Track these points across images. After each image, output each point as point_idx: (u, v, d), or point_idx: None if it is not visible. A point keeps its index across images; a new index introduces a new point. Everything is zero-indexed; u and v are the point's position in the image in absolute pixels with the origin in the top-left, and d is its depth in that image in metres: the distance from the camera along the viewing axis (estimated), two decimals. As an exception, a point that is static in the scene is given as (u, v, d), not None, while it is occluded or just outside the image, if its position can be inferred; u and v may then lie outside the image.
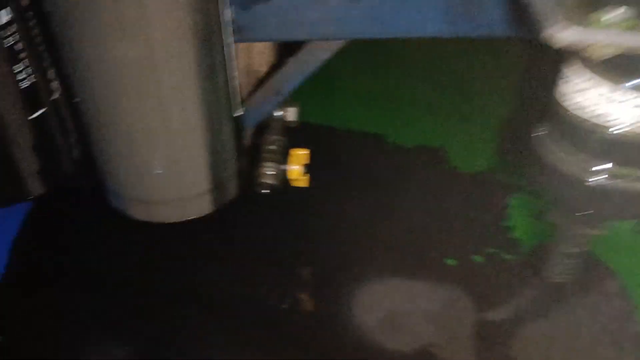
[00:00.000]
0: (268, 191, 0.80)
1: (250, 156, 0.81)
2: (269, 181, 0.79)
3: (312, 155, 0.98)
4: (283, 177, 0.81)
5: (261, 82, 0.68)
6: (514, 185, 0.97)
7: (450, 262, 0.86)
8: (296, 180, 0.82)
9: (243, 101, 0.67)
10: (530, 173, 0.62)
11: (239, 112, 0.49)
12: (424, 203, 0.95)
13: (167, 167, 0.47)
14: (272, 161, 0.80)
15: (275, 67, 0.65)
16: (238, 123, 0.50)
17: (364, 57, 1.29)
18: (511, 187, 0.97)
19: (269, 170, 0.79)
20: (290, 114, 0.87)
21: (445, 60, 1.25)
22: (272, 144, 0.82)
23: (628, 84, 0.47)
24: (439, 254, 0.87)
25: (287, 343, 0.77)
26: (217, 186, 0.52)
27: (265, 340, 0.77)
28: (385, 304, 0.81)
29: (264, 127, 0.87)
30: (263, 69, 0.73)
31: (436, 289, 0.83)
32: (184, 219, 0.53)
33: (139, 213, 0.52)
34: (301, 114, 0.88)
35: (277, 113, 0.90)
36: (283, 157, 0.82)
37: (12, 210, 0.92)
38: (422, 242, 0.89)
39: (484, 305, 0.80)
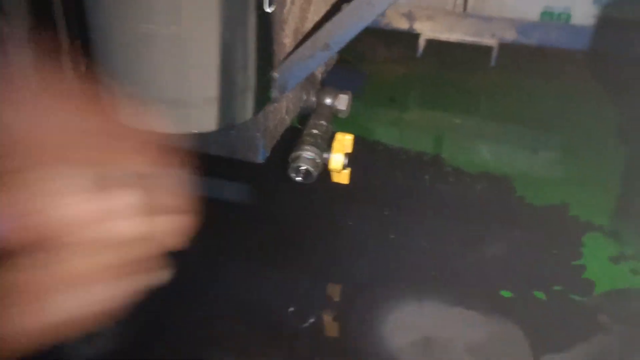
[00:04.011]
0: (301, 179, 0.71)
1: (290, 138, 0.73)
2: (306, 167, 0.70)
3: (363, 169, 0.89)
4: (322, 167, 0.72)
5: (308, 36, 0.60)
6: (591, 224, 0.84)
7: (505, 294, 0.72)
8: (336, 173, 0.73)
9: (285, 58, 0.60)
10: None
11: (271, 8, 0.41)
12: (481, 229, 0.83)
13: (169, 54, 0.39)
14: (312, 145, 0.71)
15: (325, 20, 0.57)
16: (267, 26, 0.42)
17: (430, 91, 1.23)
18: (587, 225, 0.84)
19: (307, 155, 0.70)
20: (341, 102, 0.79)
21: (515, 91, 1.18)
22: (316, 128, 0.73)
23: None
24: (493, 283, 0.74)
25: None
26: (226, 97, 0.44)
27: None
28: (422, 328, 0.68)
29: (310, 112, 0.80)
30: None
31: (484, 319, 0.69)
32: (183, 131, 0.45)
33: (131, 116, 0.44)
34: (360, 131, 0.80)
35: (327, 100, 0.82)
36: (326, 145, 0.73)
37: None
38: (473, 268, 0.77)
39: (539, 345, 0.65)
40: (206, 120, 0.44)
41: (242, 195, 0.74)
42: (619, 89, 1.18)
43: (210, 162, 0.78)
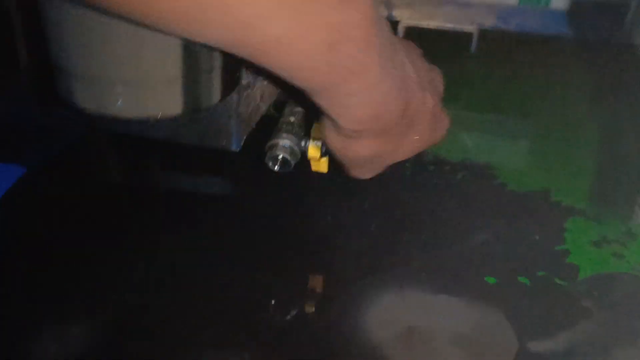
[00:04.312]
0: (278, 168, 0.69)
1: (266, 127, 0.71)
2: (282, 155, 0.68)
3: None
4: (299, 155, 0.70)
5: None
6: (573, 208, 0.83)
7: (490, 280, 0.71)
8: (315, 162, 0.71)
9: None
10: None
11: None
12: (463, 217, 0.82)
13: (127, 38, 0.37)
14: (289, 133, 0.69)
15: None
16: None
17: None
18: (569, 209, 0.83)
19: (284, 143, 0.68)
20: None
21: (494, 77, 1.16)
22: (292, 115, 0.71)
23: None
24: (477, 270, 0.73)
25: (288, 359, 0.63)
26: (191, 78, 0.41)
27: (263, 357, 0.63)
28: (405, 319, 0.67)
29: (287, 99, 0.78)
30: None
31: (469, 307, 0.68)
32: (145, 115, 0.42)
33: (87, 100, 0.41)
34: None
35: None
36: (303, 133, 0.71)
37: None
38: (456, 256, 0.75)
39: (524, 332, 0.64)
40: (169, 103, 0.42)
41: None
42: (599, 74, 1.18)
43: (181, 151, 0.76)
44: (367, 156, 0.40)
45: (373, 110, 0.33)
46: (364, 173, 0.44)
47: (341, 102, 0.32)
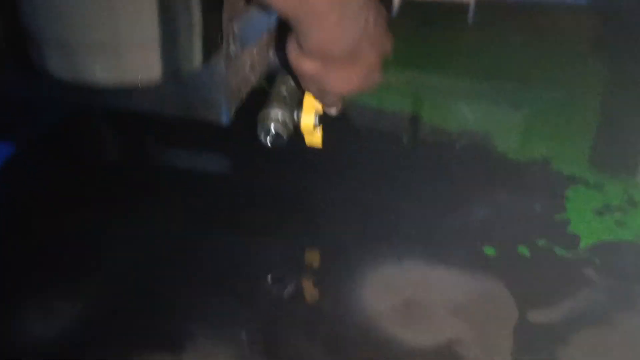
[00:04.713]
0: (271, 141, 0.67)
1: (257, 99, 0.69)
2: (274, 128, 0.66)
3: (336, 131, 0.86)
4: (292, 128, 0.68)
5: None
6: (574, 177, 0.81)
7: (488, 251, 0.70)
8: (309, 135, 0.69)
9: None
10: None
11: None
12: (462, 188, 0.81)
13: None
14: (281, 104, 0.67)
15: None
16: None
17: (407, 51, 1.19)
18: (570, 178, 0.81)
19: (275, 113, 0.66)
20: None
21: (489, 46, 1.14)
22: (284, 85, 0.69)
23: None
24: (475, 241, 0.71)
25: (286, 332, 0.62)
26: (168, 39, 0.39)
27: (260, 330, 0.62)
28: (402, 291, 0.66)
29: (278, 71, 0.76)
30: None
31: (467, 278, 0.67)
32: (124, 81, 0.40)
33: (61, 68, 0.39)
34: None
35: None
36: (295, 104, 0.69)
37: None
38: (454, 227, 0.74)
39: (524, 302, 0.63)
40: (148, 67, 0.40)
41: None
42: (600, 43, 1.15)
43: (169, 125, 0.75)
44: (309, 72, 0.52)
45: (323, 43, 0.46)
46: (308, 87, 0.59)
47: (303, 30, 0.45)
